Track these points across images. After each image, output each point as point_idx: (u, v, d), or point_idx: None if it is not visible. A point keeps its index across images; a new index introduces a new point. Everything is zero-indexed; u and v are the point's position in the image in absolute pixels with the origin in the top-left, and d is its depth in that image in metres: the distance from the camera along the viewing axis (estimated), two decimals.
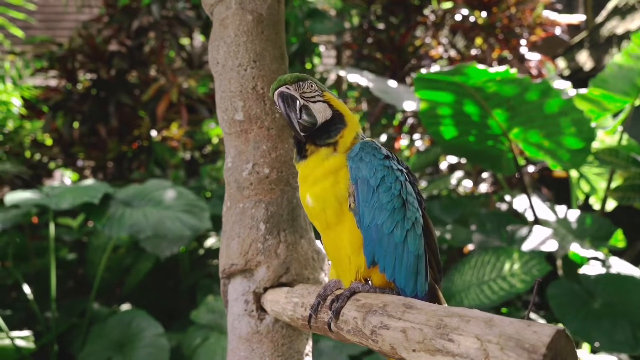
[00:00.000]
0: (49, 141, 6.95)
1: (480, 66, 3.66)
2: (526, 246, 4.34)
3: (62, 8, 9.13)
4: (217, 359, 3.72)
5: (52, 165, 6.99)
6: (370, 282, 1.38)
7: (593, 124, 4.14)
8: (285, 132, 1.77)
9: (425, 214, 1.43)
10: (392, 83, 5.11)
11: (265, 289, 1.73)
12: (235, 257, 1.72)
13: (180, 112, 6.51)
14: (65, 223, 5.58)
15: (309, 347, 1.78)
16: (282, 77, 1.42)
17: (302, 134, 1.39)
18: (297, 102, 1.39)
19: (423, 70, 5.23)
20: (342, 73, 5.35)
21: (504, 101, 3.97)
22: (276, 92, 1.41)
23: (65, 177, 7.57)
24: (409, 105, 4.59)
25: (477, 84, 3.79)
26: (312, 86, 1.42)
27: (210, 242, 5.74)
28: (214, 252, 5.76)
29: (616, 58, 4.50)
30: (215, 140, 7.30)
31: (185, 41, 7.62)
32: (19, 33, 6.02)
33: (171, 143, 6.99)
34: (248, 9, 1.76)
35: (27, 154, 6.80)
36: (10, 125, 6.30)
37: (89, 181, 4.75)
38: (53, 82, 7.13)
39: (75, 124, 6.72)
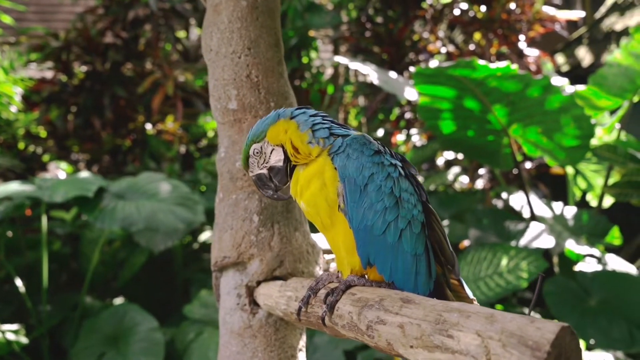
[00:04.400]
0: (43, 133, 6.88)
1: (481, 61, 3.62)
2: (523, 242, 4.31)
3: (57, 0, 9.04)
4: (211, 354, 3.68)
5: (45, 157, 6.92)
6: (366, 277, 1.33)
7: (593, 121, 4.11)
8: None
9: (428, 207, 1.36)
10: (392, 74, 5.07)
11: (259, 283, 1.68)
12: (228, 249, 1.67)
13: (176, 105, 6.45)
14: (59, 216, 5.52)
15: (302, 342, 1.74)
16: (242, 165, 1.50)
17: (285, 195, 1.48)
18: (262, 179, 1.47)
19: (421, 65, 5.18)
20: (344, 61, 5.29)
21: (504, 97, 3.93)
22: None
23: (59, 170, 7.51)
24: (411, 94, 4.53)
25: (478, 79, 3.74)
26: (256, 151, 1.45)
27: (204, 236, 5.69)
28: (208, 247, 5.71)
29: (616, 55, 4.46)
30: (211, 134, 7.25)
31: (181, 34, 7.56)
32: (9, 21, 5.93)
33: (166, 136, 6.94)
34: None
35: (21, 145, 6.74)
36: (8, 115, 6.22)
37: (84, 174, 4.69)
38: (47, 74, 7.05)
39: (70, 117, 6.66)
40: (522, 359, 0.85)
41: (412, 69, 3.99)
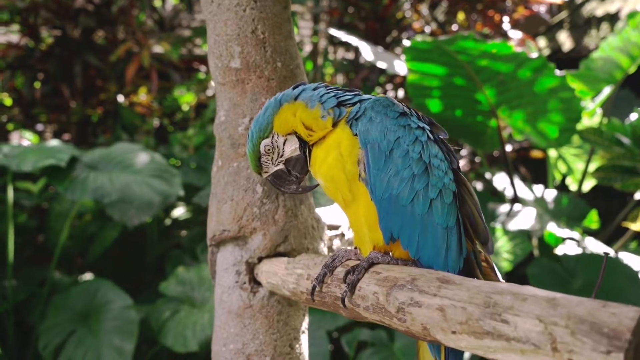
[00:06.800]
0: (7, 101, 6.53)
1: (478, 37, 3.52)
2: (506, 224, 4.27)
3: None
4: (188, 333, 3.54)
5: (10, 126, 6.59)
6: (390, 254, 1.21)
7: (583, 103, 4.08)
8: (288, 84, 1.57)
9: (460, 176, 1.24)
10: (379, 48, 4.95)
11: (260, 259, 1.55)
12: (228, 222, 1.53)
13: (151, 76, 6.18)
14: (25, 187, 5.25)
15: (305, 324, 1.62)
16: (253, 170, 1.38)
17: (312, 186, 1.42)
18: (280, 177, 1.36)
19: (406, 42, 5.06)
20: (336, 34, 5.14)
21: (495, 76, 3.85)
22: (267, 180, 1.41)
23: (23, 139, 7.18)
24: (401, 68, 4.42)
25: (473, 55, 3.65)
26: (266, 146, 1.32)
27: (177, 212, 5.52)
28: (181, 223, 5.55)
29: (610, 40, 4.44)
30: (185, 108, 7.03)
31: (157, 3, 7.25)
32: None
33: (138, 109, 6.68)
34: None
35: None
36: None
37: (54, 142, 4.44)
38: (12, 38, 6.67)
39: (37, 84, 6.33)
40: (597, 348, 0.74)
41: (405, 42, 3.87)
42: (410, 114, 1.24)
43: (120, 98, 6.54)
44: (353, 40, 4.63)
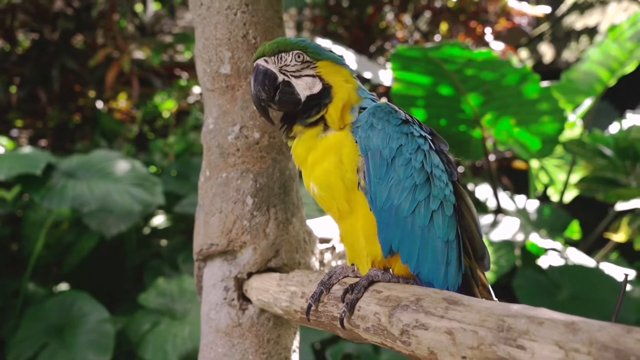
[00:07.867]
0: None
1: (463, 45, 3.51)
2: (489, 235, 4.25)
3: None
4: (168, 347, 3.43)
5: None
6: (391, 271, 1.15)
7: (566, 114, 4.09)
8: None
9: (459, 188, 1.20)
10: (364, 57, 4.93)
11: (250, 275, 1.47)
12: (216, 236, 1.45)
13: (131, 82, 6.06)
14: None
15: (296, 343, 1.55)
16: (262, 46, 1.22)
17: (270, 119, 1.26)
18: (269, 79, 1.20)
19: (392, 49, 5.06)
20: (324, 43, 5.11)
21: (480, 85, 3.85)
22: (255, 65, 1.22)
23: None
24: (385, 78, 4.41)
25: (459, 64, 3.64)
26: (299, 57, 1.21)
27: (157, 220, 5.40)
28: (160, 232, 5.43)
29: (591, 53, 4.48)
30: (166, 115, 6.92)
31: (138, 8, 7.14)
32: None
33: (118, 115, 6.56)
34: None
35: None
36: None
37: (29, 149, 4.30)
38: None
39: (13, 88, 6.17)
40: None
41: (393, 49, 3.86)
42: (412, 122, 1.19)
43: (100, 104, 6.41)
44: (337, 49, 4.61)
